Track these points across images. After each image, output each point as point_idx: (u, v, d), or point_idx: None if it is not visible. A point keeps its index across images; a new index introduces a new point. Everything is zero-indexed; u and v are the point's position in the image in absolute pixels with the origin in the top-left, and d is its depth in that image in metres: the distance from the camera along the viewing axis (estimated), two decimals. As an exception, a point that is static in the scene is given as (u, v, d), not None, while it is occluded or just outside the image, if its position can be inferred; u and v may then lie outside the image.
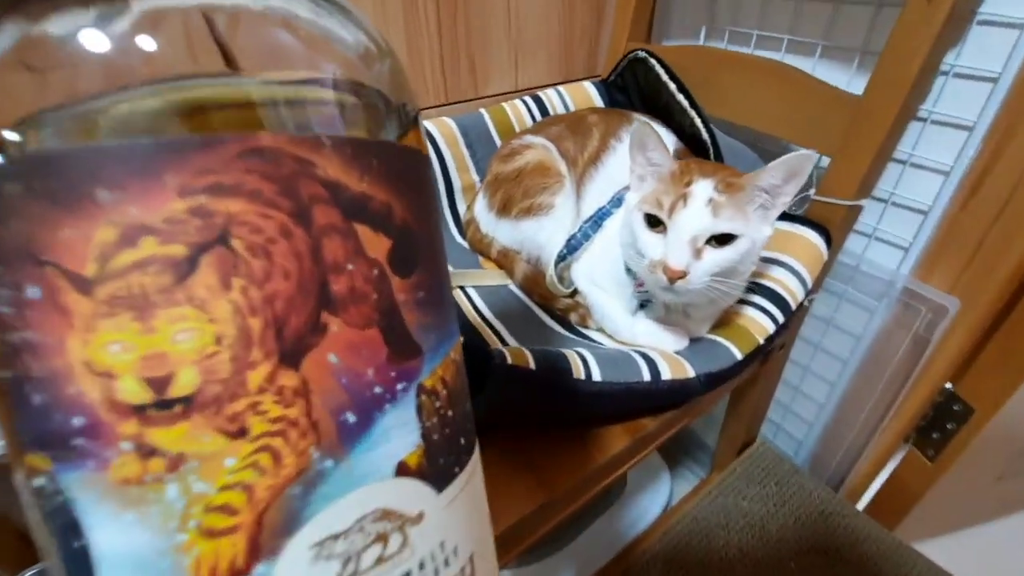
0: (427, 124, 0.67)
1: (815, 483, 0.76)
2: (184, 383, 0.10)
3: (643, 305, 0.51)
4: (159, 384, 0.10)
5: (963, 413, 0.65)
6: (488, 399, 0.37)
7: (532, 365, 0.39)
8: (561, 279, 0.56)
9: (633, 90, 0.69)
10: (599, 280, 0.53)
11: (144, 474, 0.10)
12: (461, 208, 0.70)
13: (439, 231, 0.15)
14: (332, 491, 0.12)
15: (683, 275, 0.40)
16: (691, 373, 0.45)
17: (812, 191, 0.55)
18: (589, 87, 0.74)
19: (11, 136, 0.10)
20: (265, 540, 0.11)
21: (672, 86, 0.58)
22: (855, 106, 0.51)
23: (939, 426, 0.68)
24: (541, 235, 0.57)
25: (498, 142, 0.69)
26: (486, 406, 0.38)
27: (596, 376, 0.41)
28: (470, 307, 0.56)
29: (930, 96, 0.53)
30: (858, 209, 0.53)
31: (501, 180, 0.60)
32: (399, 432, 0.13)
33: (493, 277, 0.61)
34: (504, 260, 0.61)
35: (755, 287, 0.52)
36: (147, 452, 0.10)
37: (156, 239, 0.10)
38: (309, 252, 0.11)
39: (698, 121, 0.55)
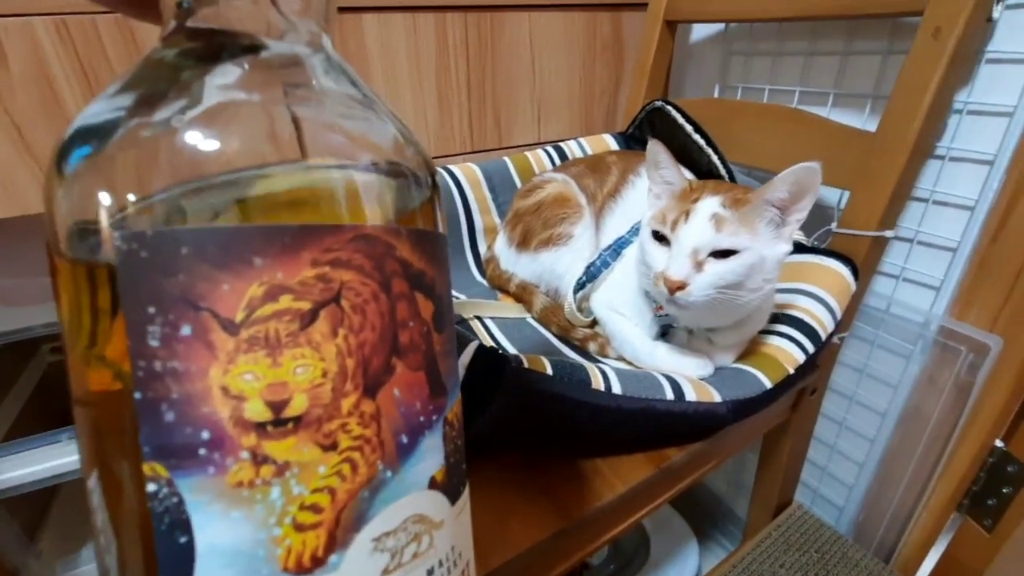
0: (452, 167, 0.70)
1: (862, 552, 0.69)
2: (297, 406, 0.13)
3: (665, 333, 0.50)
4: (278, 406, 0.13)
5: (1018, 475, 0.60)
6: (502, 406, 0.36)
7: (549, 370, 0.37)
8: (580, 310, 0.55)
9: (650, 137, 0.72)
10: (618, 307, 0.52)
11: (256, 478, 0.13)
12: (482, 248, 0.71)
13: (451, 298, 0.19)
14: (389, 496, 0.15)
15: (682, 286, 0.40)
16: (717, 398, 0.43)
17: (834, 224, 0.54)
18: (608, 138, 0.78)
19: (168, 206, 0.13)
20: (340, 534, 0.14)
21: (688, 127, 0.60)
22: (869, 141, 0.52)
23: (994, 491, 0.62)
24: (560, 265, 0.57)
25: (520, 186, 0.72)
26: (500, 413, 0.36)
27: (616, 389, 0.39)
28: (486, 335, 0.56)
29: (947, 133, 0.54)
30: (883, 242, 0.53)
31: (521, 214, 0.61)
32: (432, 453, 0.16)
33: (511, 310, 0.61)
34: (523, 294, 0.61)
35: (782, 317, 0.50)
36: (261, 460, 0.13)
37: (291, 296, 0.13)
38: (388, 312, 0.15)
39: (715, 158, 0.56)
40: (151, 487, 0.12)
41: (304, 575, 0.13)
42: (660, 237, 0.44)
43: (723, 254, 0.41)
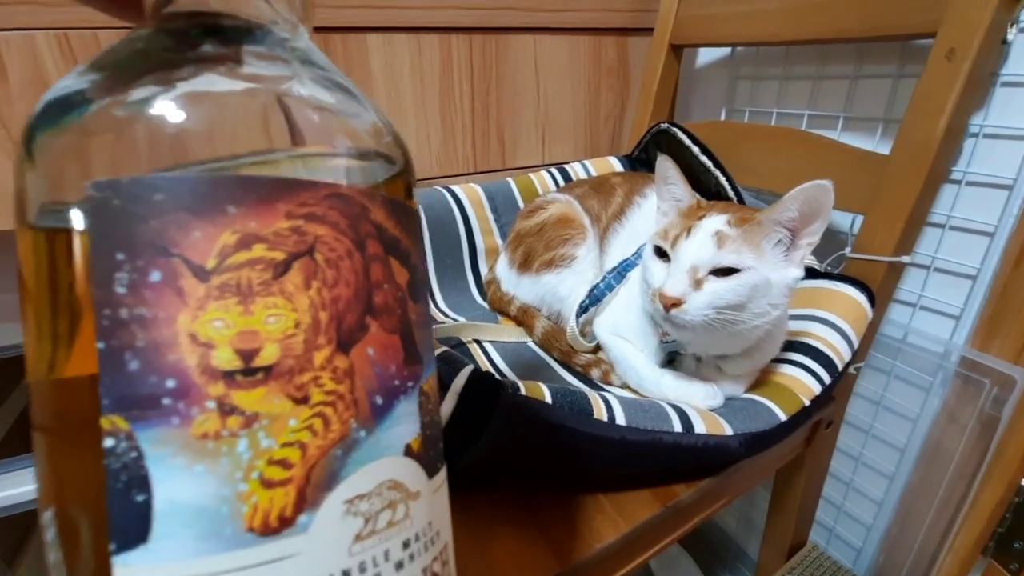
0: (454, 187, 0.69)
1: (882, 599, 0.64)
2: (268, 356, 0.13)
3: (672, 360, 0.47)
4: (248, 355, 0.13)
5: (1049, 517, 0.56)
6: (497, 435, 0.33)
7: (548, 398, 0.35)
8: (583, 334, 0.53)
9: (655, 159, 0.71)
10: (623, 331, 0.50)
11: (222, 429, 0.12)
12: (483, 269, 0.69)
13: (427, 275, 0.19)
14: (362, 457, 0.14)
15: (678, 303, 0.39)
16: (729, 431, 0.40)
17: (848, 250, 0.52)
18: (613, 160, 0.76)
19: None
20: (310, 493, 0.13)
21: (695, 149, 0.59)
22: (882, 164, 0.50)
23: (1021, 533, 0.58)
24: (562, 288, 0.55)
25: (522, 207, 0.71)
26: (495, 442, 0.34)
27: (620, 419, 0.37)
28: (485, 359, 0.53)
29: (963, 157, 0.52)
30: (900, 268, 0.50)
31: (523, 235, 0.59)
32: (408, 419, 0.16)
33: (511, 333, 0.59)
34: (524, 317, 0.59)
35: (796, 345, 0.48)
36: (228, 410, 0.12)
37: (265, 246, 0.13)
38: (363, 270, 0.15)
39: (722, 179, 0.55)
40: (109, 442, 0.12)
41: (271, 536, 0.13)
42: (661, 253, 0.42)
43: (724, 272, 0.39)
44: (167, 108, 0.13)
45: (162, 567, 0.12)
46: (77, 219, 0.13)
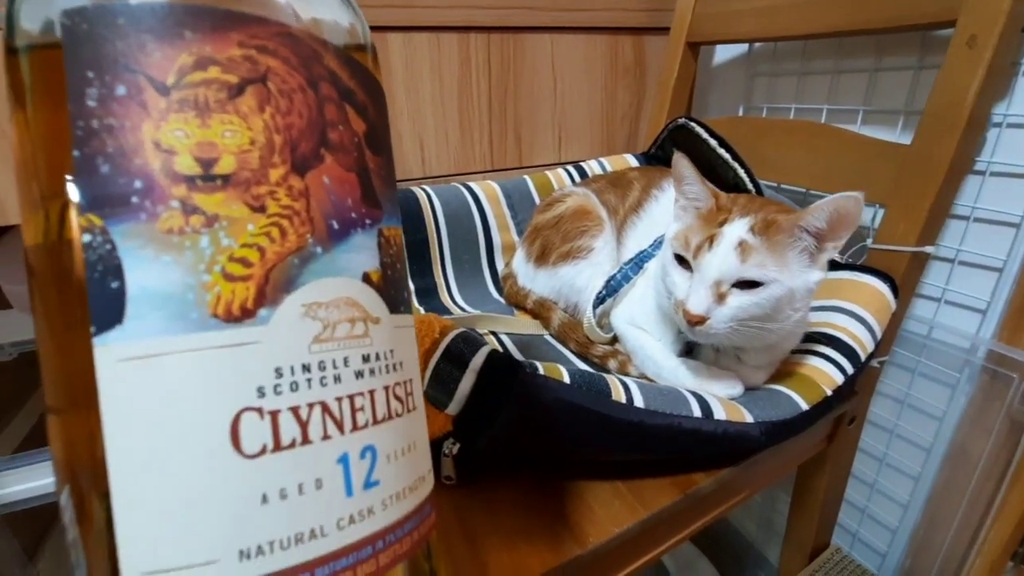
0: (471, 183, 0.69)
1: (909, 604, 0.63)
2: (225, 165, 0.14)
3: (690, 350, 0.47)
4: (207, 163, 0.14)
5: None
6: (514, 415, 0.34)
7: (566, 378, 0.35)
8: (600, 326, 0.53)
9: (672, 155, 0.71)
10: (640, 322, 0.49)
11: (185, 226, 0.14)
12: (500, 265, 0.70)
13: (391, 150, 0.20)
14: (319, 269, 0.16)
15: (702, 320, 0.38)
16: (749, 419, 0.40)
17: (869, 241, 0.52)
18: (629, 157, 0.77)
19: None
20: (269, 291, 0.15)
21: (713, 142, 0.58)
22: (904, 155, 0.50)
23: (1056, 537, 0.56)
24: (579, 280, 0.55)
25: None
26: (512, 423, 0.34)
27: (639, 403, 0.37)
28: (500, 349, 0.53)
29: (987, 147, 0.51)
30: (923, 259, 0.50)
31: (540, 228, 0.60)
32: (365, 250, 0.17)
33: (527, 326, 0.59)
34: (540, 310, 0.59)
35: (817, 336, 0.47)
36: (190, 210, 0.14)
37: (219, 68, 0.14)
38: (316, 107, 0.16)
39: (741, 171, 0.55)
40: (86, 237, 0.13)
41: (233, 323, 0.14)
42: (682, 260, 0.42)
43: (748, 284, 0.38)
44: None
45: (135, 343, 0.13)
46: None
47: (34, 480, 0.50)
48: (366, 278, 0.17)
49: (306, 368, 0.15)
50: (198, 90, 0.14)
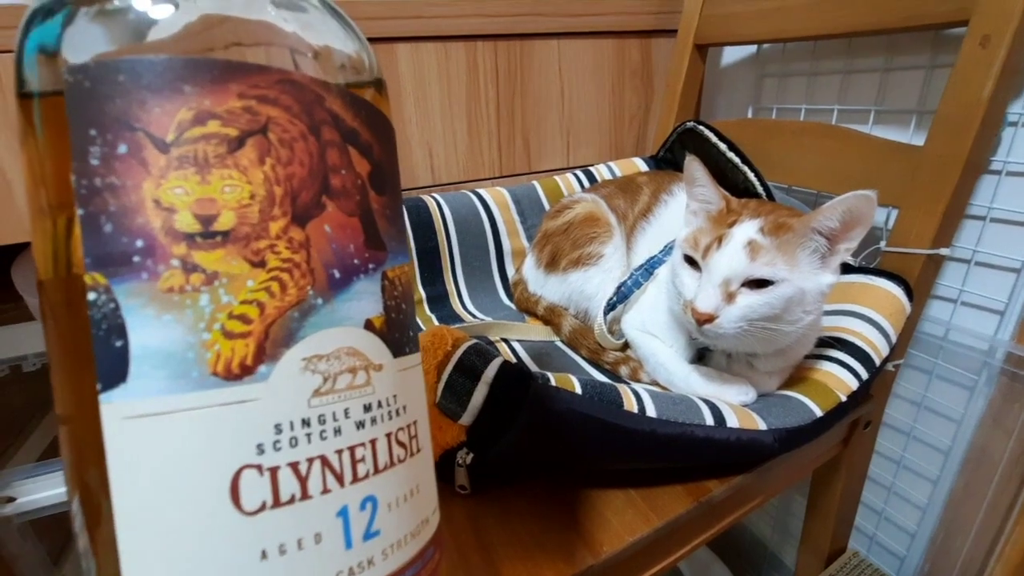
0: (480, 190, 0.70)
1: (929, 609, 0.62)
2: (224, 221, 0.14)
3: (702, 356, 0.47)
4: (206, 220, 0.14)
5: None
6: (527, 426, 0.34)
7: (578, 389, 0.35)
8: (611, 332, 0.53)
9: (682, 159, 0.71)
10: (651, 328, 0.49)
11: (186, 284, 0.14)
12: (510, 271, 0.70)
13: (399, 183, 0.20)
14: (320, 321, 0.16)
15: (710, 319, 0.38)
16: (762, 426, 0.40)
17: (883, 243, 0.51)
18: (638, 161, 0.77)
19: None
20: (269, 347, 0.15)
21: (723, 146, 0.58)
22: (917, 156, 0.49)
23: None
24: (589, 286, 0.55)
25: (548, 209, 0.71)
26: (525, 434, 0.34)
27: (651, 412, 0.37)
28: (512, 357, 0.54)
29: (1002, 147, 0.51)
30: (938, 260, 0.49)
31: (550, 235, 0.60)
32: (368, 297, 0.17)
33: (538, 332, 0.59)
34: (551, 316, 0.60)
35: (831, 340, 0.47)
36: (190, 268, 0.14)
37: (219, 122, 0.14)
38: (318, 154, 0.16)
39: (751, 175, 0.54)
40: (91, 296, 0.13)
41: (233, 381, 0.14)
42: (692, 261, 0.42)
43: (758, 284, 0.38)
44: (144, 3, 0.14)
45: (139, 403, 0.13)
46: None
47: (58, 487, 0.52)
48: (368, 325, 0.17)
49: (305, 423, 0.15)
50: (197, 145, 0.14)
